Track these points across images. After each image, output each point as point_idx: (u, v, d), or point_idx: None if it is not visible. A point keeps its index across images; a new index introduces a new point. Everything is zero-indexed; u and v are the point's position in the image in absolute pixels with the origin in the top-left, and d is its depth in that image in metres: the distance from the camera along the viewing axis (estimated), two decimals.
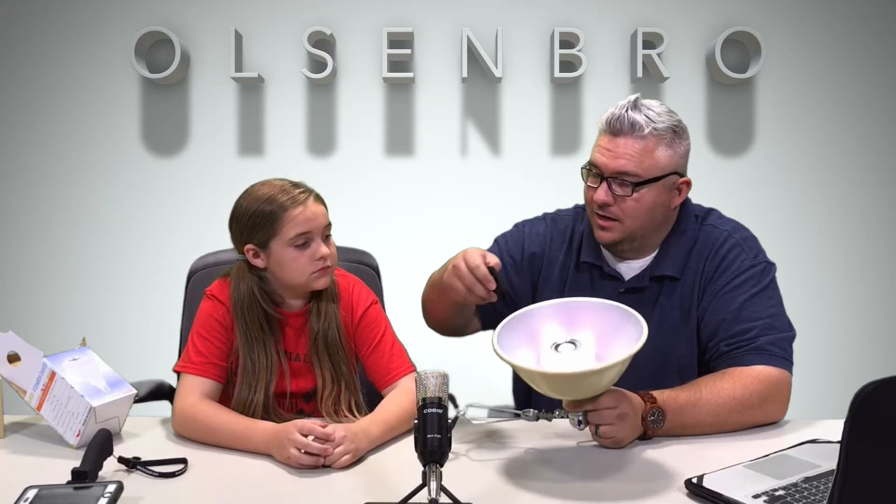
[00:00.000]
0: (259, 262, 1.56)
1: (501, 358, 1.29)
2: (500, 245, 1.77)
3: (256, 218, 1.53)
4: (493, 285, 1.46)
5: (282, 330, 1.60)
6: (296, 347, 1.61)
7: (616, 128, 1.55)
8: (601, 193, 1.56)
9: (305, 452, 1.29)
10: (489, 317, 1.69)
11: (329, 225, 1.57)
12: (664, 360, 1.60)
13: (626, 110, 1.55)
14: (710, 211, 1.70)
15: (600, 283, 1.65)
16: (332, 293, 1.62)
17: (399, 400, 1.50)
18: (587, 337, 1.36)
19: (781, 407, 1.51)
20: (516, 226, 1.80)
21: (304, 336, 1.60)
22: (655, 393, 1.41)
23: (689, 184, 1.63)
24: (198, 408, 1.47)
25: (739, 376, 1.48)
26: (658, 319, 1.60)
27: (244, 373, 1.55)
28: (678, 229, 1.65)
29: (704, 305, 1.60)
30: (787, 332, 1.56)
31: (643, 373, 1.43)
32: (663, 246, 1.64)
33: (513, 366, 1.32)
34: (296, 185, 1.57)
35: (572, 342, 1.35)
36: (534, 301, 1.67)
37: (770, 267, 1.62)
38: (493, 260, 1.48)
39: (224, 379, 1.56)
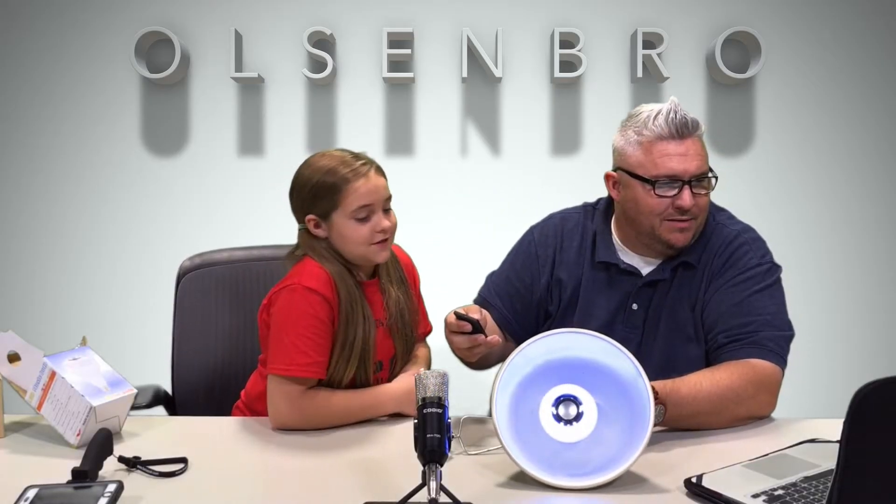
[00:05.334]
0: (320, 233, 1.57)
1: (513, 459, 1.22)
2: (509, 276, 1.77)
3: (318, 189, 1.54)
4: (467, 327, 1.41)
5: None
6: (376, 315, 1.61)
7: (684, 131, 1.58)
8: (688, 199, 1.56)
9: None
10: (521, 336, 1.62)
11: (390, 197, 1.59)
12: (674, 354, 1.61)
13: (682, 112, 1.58)
14: (722, 210, 1.72)
15: (618, 278, 1.67)
16: (397, 263, 1.66)
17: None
18: (583, 380, 1.27)
19: (772, 400, 1.52)
20: (526, 234, 1.81)
21: (379, 305, 1.61)
22: (657, 385, 1.38)
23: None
24: (315, 401, 1.49)
25: (735, 368, 1.49)
26: (670, 311, 1.63)
27: (342, 348, 1.53)
28: None
29: (707, 298, 1.61)
30: (785, 331, 1.57)
31: (654, 365, 1.44)
32: None
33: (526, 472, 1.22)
34: (357, 156, 1.58)
35: (573, 399, 1.25)
36: (550, 298, 1.70)
37: (776, 268, 1.64)
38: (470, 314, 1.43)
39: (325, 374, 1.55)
